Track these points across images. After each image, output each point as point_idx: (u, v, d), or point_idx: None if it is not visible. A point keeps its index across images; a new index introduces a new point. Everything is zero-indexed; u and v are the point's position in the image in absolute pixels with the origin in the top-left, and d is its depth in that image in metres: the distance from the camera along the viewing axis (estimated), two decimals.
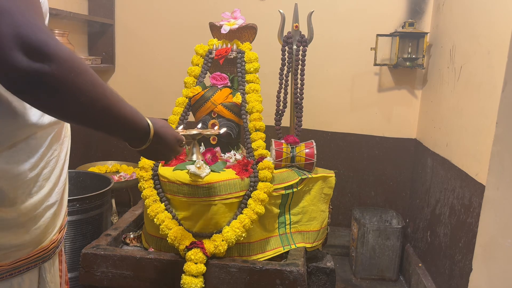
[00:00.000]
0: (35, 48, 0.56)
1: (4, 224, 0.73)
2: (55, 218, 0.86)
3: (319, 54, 2.53)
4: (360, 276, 2.55)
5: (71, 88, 0.61)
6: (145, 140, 0.82)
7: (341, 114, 2.70)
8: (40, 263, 0.83)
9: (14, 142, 0.71)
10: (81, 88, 0.62)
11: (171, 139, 0.90)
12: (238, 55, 1.73)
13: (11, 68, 0.55)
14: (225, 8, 1.88)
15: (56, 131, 0.82)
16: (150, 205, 1.49)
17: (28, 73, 0.56)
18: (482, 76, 1.72)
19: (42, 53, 0.56)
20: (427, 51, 2.47)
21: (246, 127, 1.63)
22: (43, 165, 0.79)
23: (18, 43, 0.55)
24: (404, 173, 2.71)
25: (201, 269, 1.35)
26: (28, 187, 0.76)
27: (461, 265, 1.80)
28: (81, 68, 0.62)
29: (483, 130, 1.68)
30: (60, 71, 0.58)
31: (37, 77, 0.57)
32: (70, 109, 0.64)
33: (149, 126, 0.81)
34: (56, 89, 0.59)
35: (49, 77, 0.57)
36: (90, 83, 0.64)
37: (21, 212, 0.75)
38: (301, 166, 1.67)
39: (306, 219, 1.66)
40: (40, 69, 0.56)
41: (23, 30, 0.55)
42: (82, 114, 0.66)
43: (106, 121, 0.70)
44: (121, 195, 2.66)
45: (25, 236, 0.77)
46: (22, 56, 0.55)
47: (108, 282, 1.43)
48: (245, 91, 1.68)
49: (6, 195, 0.71)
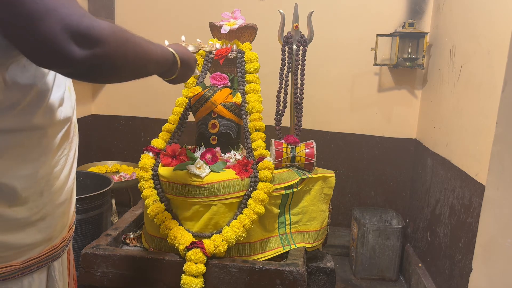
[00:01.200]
0: (83, 36, 0.59)
1: (16, 223, 0.73)
2: (65, 217, 0.87)
3: (319, 54, 2.53)
4: (360, 276, 2.55)
5: (123, 58, 0.67)
6: (175, 69, 0.94)
7: (341, 114, 2.70)
8: (50, 261, 0.83)
9: (27, 141, 0.72)
10: (129, 53, 0.69)
11: (193, 63, 1.02)
12: (238, 55, 1.73)
13: (68, 61, 0.59)
14: (225, 8, 1.88)
15: (66, 130, 0.82)
16: (150, 205, 1.49)
17: (84, 61, 0.60)
18: (482, 76, 1.72)
19: (91, 38, 0.60)
20: (427, 51, 2.47)
21: (246, 127, 1.63)
22: (53, 163, 0.79)
23: (68, 35, 0.58)
24: (404, 173, 2.71)
25: (201, 269, 1.35)
26: (39, 186, 0.76)
27: (461, 265, 1.80)
28: (123, 35, 0.67)
29: (483, 130, 1.68)
30: (110, 48, 0.63)
31: (93, 62, 0.61)
32: (125, 73, 0.73)
33: (176, 58, 0.93)
34: (112, 65, 0.65)
35: (103, 58, 0.62)
36: (133, 45, 0.71)
37: (32, 211, 0.75)
38: (301, 166, 1.67)
39: (306, 219, 1.66)
40: (93, 55, 0.61)
41: (69, 22, 0.58)
42: (133, 73, 0.76)
43: (148, 68, 0.81)
44: (121, 195, 2.66)
45: (36, 235, 0.78)
46: (74, 46, 0.58)
47: (108, 282, 1.43)
48: (245, 91, 1.68)
49: (18, 195, 0.72)
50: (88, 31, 0.59)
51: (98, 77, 0.67)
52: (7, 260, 0.73)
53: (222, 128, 1.65)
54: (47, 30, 0.57)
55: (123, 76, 0.74)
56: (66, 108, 0.81)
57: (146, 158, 1.57)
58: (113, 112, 2.90)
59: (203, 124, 1.67)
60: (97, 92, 2.91)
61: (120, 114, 2.91)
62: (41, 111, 0.73)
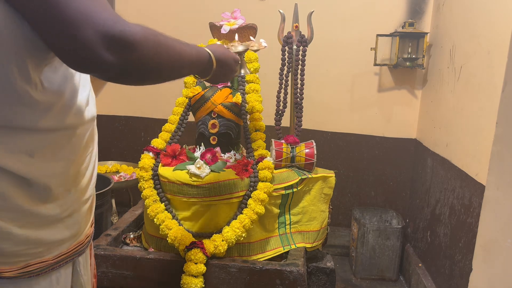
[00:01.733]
0: (116, 41, 0.60)
1: (48, 220, 0.75)
2: (89, 213, 0.89)
3: (319, 54, 2.53)
4: (360, 276, 2.55)
5: (156, 61, 0.69)
6: (210, 70, 0.93)
7: (341, 114, 2.70)
8: (76, 257, 0.86)
9: (59, 140, 0.74)
10: (163, 56, 0.70)
11: (231, 62, 1.02)
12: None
13: (103, 66, 0.61)
14: (225, 8, 1.88)
15: (92, 128, 0.85)
16: (150, 205, 1.49)
17: (118, 66, 0.62)
18: (482, 76, 1.72)
19: (124, 44, 0.61)
20: (427, 51, 2.47)
21: (246, 127, 1.63)
22: (81, 161, 0.81)
23: (102, 41, 0.59)
24: (404, 173, 2.71)
25: (201, 269, 1.35)
26: (68, 183, 0.78)
27: (461, 265, 1.80)
28: (156, 38, 0.68)
29: (483, 130, 1.68)
30: (143, 53, 0.64)
31: (127, 67, 0.63)
32: (160, 76, 0.74)
33: (212, 58, 0.92)
34: (146, 69, 0.67)
35: (136, 63, 0.64)
36: (166, 47, 0.72)
37: (62, 208, 0.77)
38: (301, 166, 1.67)
39: (306, 219, 1.66)
40: (127, 60, 0.62)
41: (104, 28, 0.60)
42: (168, 75, 0.77)
43: (181, 70, 0.81)
44: (121, 195, 2.66)
45: (65, 231, 0.80)
46: (108, 52, 0.60)
47: (108, 282, 1.43)
48: (245, 91, 1.68)
49: (52, 192, 0.74)
50: (121, 37, 0.61)
51: (133, 80, 0.69)
52: (40, 255, 0.76)
53: (222, 128, 1.65)
54: (83, 36, 0.58)
55: (157, 78, 0.75)
56: (91, 107, 0.83)
57: (146, 158, 1.57)
58: (113, 112, 2.90)
59: (203, 124, 1.67)
60: (97, 92, 2.91)
61: (120, 114, 2.91)
62: (72, 111, 0.75)
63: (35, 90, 0.66)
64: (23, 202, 0.70)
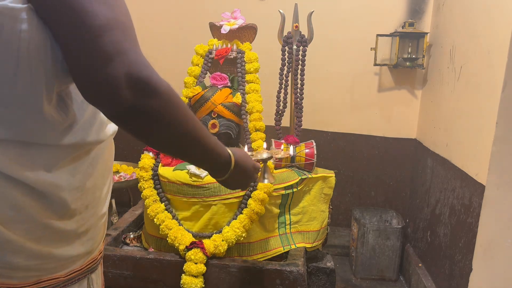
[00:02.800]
0: (141, 84, 0.60)
1: (63, 235, 0.73)
2: (104, 228, 0.87)
3: (319, 54, 2.53)
4: (360, 276, 2.55)
5: (169, 120, 0.66)
6: (226, 171, 0.87)
7: (341, 114, 2.70)
8: (89, 274, 0.83)
9: (78, 154, 0.72)
10: (177, 120, 0.68)
11: (250, 169, 0.95)
12: (238, 55, 1.73)
13: (117, 103, 0.60)
14: (225, 8, 1.88)
15: (111, 142, 0.83)
16: (150, 205, 1.49)
17: (132, 107, 0.61)
18: (482, 76, 1.72)
19: (147, 88, 0.61)
20: (427, 51, 2.47)
21: (246, 127, 1.64)
22: (98, 175, 0.79)
23: (127, 81, 0.59)
24: (404, 173, 2.71)
25: (201, 269, 1.35)
26: (86, 198, 0.76)
27: (461, 265, 1.80)
28: (178, 101, 0.67)
29: (483, 130, 1.68)
30: (161, 104, 0.63)
31: (140, 111, 0.62)
32: (165, 139, 0.69)
33: (231, 157, 0.87)
34: (156, 121, 0.64)
35: (151, 110, 0.62)
36: (184, 116, 0.69)
37: (79, 223, 0.76)
38: (301, 166, 1.67)
39: (306, 219, 1.66)
40: (143, 104, 0.61)
41: (133, 69, 0.60)
42: (174, 144, 0.72)
43: (194, 152, 0.76)
44: (121, 195, 2.66)
45: (80, 248, 0.78)
46: (128, 92, 0.59)
47: (108, 282, 1.43)
48: (245, 91, 1.68)
49: (68, 207, 0.72)
50: (146, 81, 0.60)
51: (138, 127, 0.66)
52: (52, 272, 0.74)
53: (222, 128, 1.65)
54: (111, 71, 0.58)
55: (165, 139, 0.69)
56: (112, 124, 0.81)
57: (146, 158, 1.57)
58: None
59: (203, 124, 1.67)
60: None
61: None
62: (94, 128, 0.74)
63: (58, 109, 0.66)
64: (37, 215, 0.68)
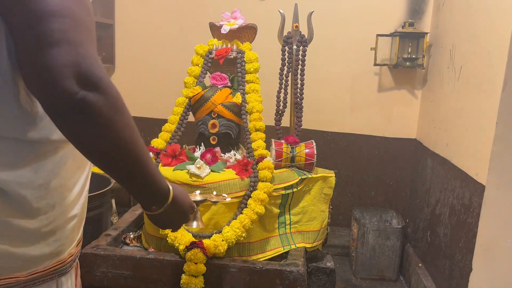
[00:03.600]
0: (88, 79, 0.58)
1: (25, 234, 0.72)
2: (75, 232, 0.84)
3: (319, 54, 2.53)
4: (360, 276, 2.55)
5: (109, 124, 0.62)
6: (162, 204, 0.79)
7: (341, 114, 2.70)
8: (56, 276, 0.81)
9: (43, 151, 0.71)
10: (118, 128, 0.63)
11: (187, 207, 0.87)
12: (238, 55, 1.73)
13: (59, 92, 0.57)
14: (225, 8, 1.88)
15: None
16: None
17: (74, 98, 0.58)
18: (482, 76, 1.72)
19: (93, 84, 0.59)
20: (427, 51, 2.47)
21: (246, 127, 1.63)
22: (68, 175, 0.77)
23: (73, 72, 0.57)
24: (404, 173, 2.71)
25: (201, 269, 1.35)
26: (52, 197, 0.74)
27: (461, 265, 1.80)
28: (124, 110, 0.64)
29: (483, 130, 1.68)
30: (104, 104, 0.60)
31: (81, 104, 0.58)
32: (101, 145, 0.64)
33: (169, 190, 0.79)
34: (95, 121, 0.60)
35: (92, 106, 0.59)
36: (128, 126, 0.65)
37: (42, 223, 0.74)
38: (301, 166, 1.67)
39: (306, 219, 1.66)
40: (86, 97, 0.58)
41: (81, 62, 0.58)
42: (110, 155, 0.65)
43: (130, 171, 0.69)
44: (121, 195, 2.66)
45: (45, 248, 0.76)
46: (73, 83, 0.57)
47: (108, 282, 1.43)
48: (245, 91, 1.68)
49: (30, 205, 0.70)
50: (94, 78, 0.59)
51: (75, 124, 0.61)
52: (12, 271, 0.72)
53: (222, 128, 1.65)
54: (54, 58, 0.57)
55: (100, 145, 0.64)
56: None
57: None
58: None
59: (203, 124, 1.66)
60: None
61: None
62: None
63: (24, 103, 0.64)
64: None
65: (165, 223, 0.86)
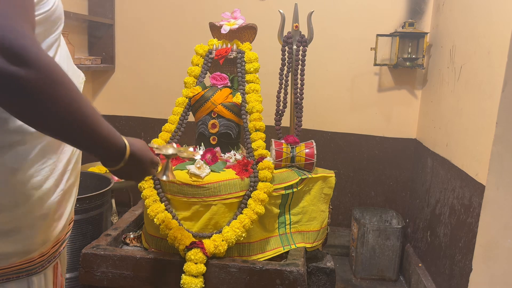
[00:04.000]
0: (14, 52, 0.56)
1: None
2: (47, 231, 0.82)
3: (319, 54, 2.53)
4: (360, 276, 2.55)
5: (46, 96, 0.60)
6: (119, 161, 0.79)
7: (341, 114, 2.70)
8: (25, 275, 0.79)
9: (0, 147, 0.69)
10: (56, 98, 0.61)
11: (147, 162, 0.88)
12: (238, 55, 1.73)
13: None
14: (225, 8, 1.88)
15: (50, 140, 0.79)
16: (150, 205, 1.49)
17: (3, 75, 0.56)
18: (482, 76, 1.72)
19: (21, 57, 0.56)
20: (427, 51, 2.47)
21: (246, 127, 1.63)
22: (31, 173, 0.75)
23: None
24: (404, 173, 2.71)
25: (201, 269, 1.35)
26: (13, 195, 0.73)
27: (461, 265, 1.80)
28: (60, 79, 0.62)
29: (483, 130, 1.68)
30: (37, 77, 0.58)
31: (12, 80, 0.56)
32: (43, 118, 0.63)
33: (126, 147, 0.79)
34: (30, 95, 0.59)
35: (24, 81, 0.57)
36: (67, 96, 0.63)
37: (5, 220, 0.72)
38: (301, 166, 1.67)
39: (306, 219, 1.66)
40: (16, 73, 0.56)
41: (5, 34, 0.56)
42: (54, 125, 0.65)
43: (80, 136, 0.69)
44: (121, 195, 2.66)
45: (8, 246, 0.74)
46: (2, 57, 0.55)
47: (108, 282, 1.43)
48: (245, 91, 1.68)
49: None
50: (20, 50, 0.56)
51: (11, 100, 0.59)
52: None
53: (222, 128, 1.65)
54: None
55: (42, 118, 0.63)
56: None
57: None
58: (113, 112, 2.90)
59: (203, 124, 1.67)
60: (97, 92, 2.91)
61: (120, 114, 2.91)
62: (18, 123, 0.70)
63: None
64: None
65: (126, 177, 0.87)
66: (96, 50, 2.82)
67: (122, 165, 0.80)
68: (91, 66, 2.60)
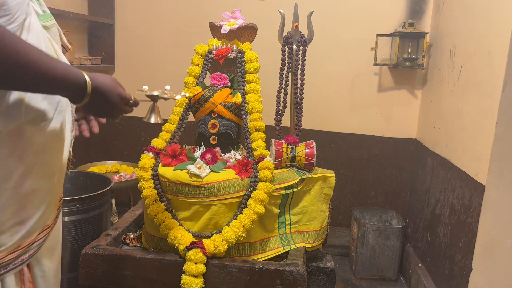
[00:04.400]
0: None
1: None
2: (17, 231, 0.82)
3: (319, 54, 2.53)
4: (360, 276, 2.55)
5: None
6: (83, 96, 0.81)
7: (341, 114, 2.70)
8: None
9: None
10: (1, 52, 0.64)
11: (114, 96, 0.88)
12: (238, 55, 1.73)
13: None
14: (225, 8, 1.88)
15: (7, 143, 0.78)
16: (150, 205, 1.49)
17: None
18: (482, 76, 1.72)
19: None
20: (427, 51, 2.47)
21: (246, 127, 1.63)
22: None
23: None
24: (404, 173, 2.71)
25: (201, 269, 1.35)
26: None
27: (461, 265, 1.80)
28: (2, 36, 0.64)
29: (483, 130, 1.68)
30: None
31: None
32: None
33: (86, 82, 0.80)
34: None
35: None
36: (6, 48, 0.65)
37: None
38: (301, 166, 1.67)
39: (306, 219, 1.66)
40: None
41: None
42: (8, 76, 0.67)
43: (33, 82, 0.71)
44: (121, 195, 2.66)
45: None
46: None
47: (108, 282, 1.43)
48: (245, 91, 1.68)
49: None
50: None
51: None
52: None
53: (222, 128, 1.65)
54: None
55: None
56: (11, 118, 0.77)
57: (146, 158, 1.57)
58: None
59: (203, 124, 1.67)
60: None
61: None
62: None
63: None
64: None
65: (97, 113, 0.92)
66: (96, 50, 2.82)
67: (87, 99, 0.82)
68: (91, 66, 2.60)
